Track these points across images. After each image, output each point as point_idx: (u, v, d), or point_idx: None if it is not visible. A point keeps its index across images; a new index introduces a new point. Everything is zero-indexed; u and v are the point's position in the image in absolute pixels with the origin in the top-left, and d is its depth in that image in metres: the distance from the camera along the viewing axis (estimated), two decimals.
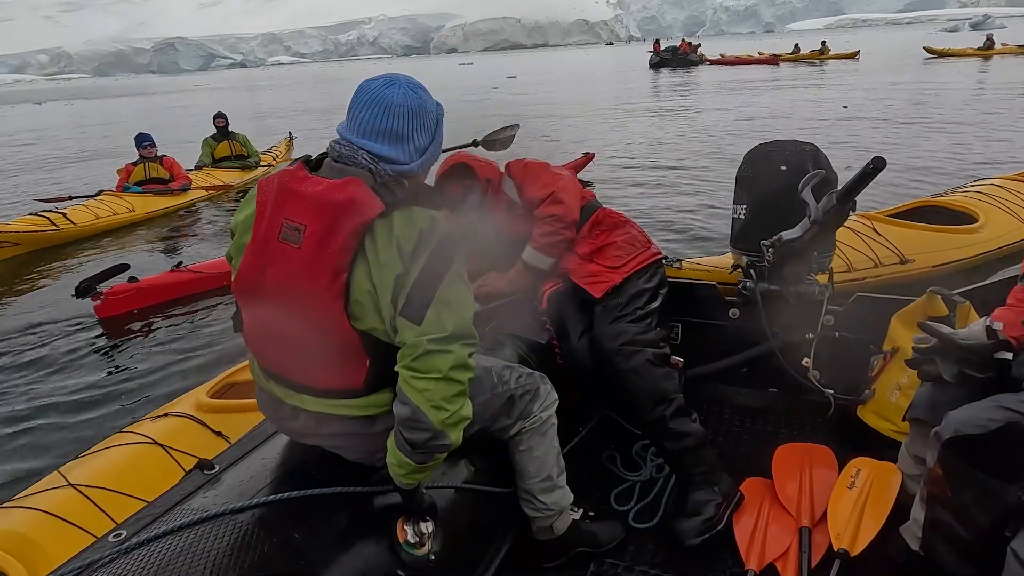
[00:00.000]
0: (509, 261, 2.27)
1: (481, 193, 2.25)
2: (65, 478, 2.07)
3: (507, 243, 2.24)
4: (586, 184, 2.44)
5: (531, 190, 2.23)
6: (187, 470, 1.55)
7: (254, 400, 2.21)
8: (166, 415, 2.46)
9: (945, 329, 1.66)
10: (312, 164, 1.41)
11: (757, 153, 2.38)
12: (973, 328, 1.67)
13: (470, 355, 1.31)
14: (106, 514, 1.89)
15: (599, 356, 2.09)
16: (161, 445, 2.23)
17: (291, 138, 12.08)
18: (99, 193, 8.02)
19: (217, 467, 1.53)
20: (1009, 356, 1.59)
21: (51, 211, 7.21)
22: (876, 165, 1.83)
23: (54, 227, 6.97)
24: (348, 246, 1.27)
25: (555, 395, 1.78)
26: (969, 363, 1.62)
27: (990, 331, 1.60)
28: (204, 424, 2.35)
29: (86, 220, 7.31)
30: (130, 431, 2.39)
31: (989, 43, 28.08)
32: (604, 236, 2.25)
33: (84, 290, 4.58)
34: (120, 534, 1.31)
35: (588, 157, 9.00)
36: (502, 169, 2.32)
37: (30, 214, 7.24)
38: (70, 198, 7.95)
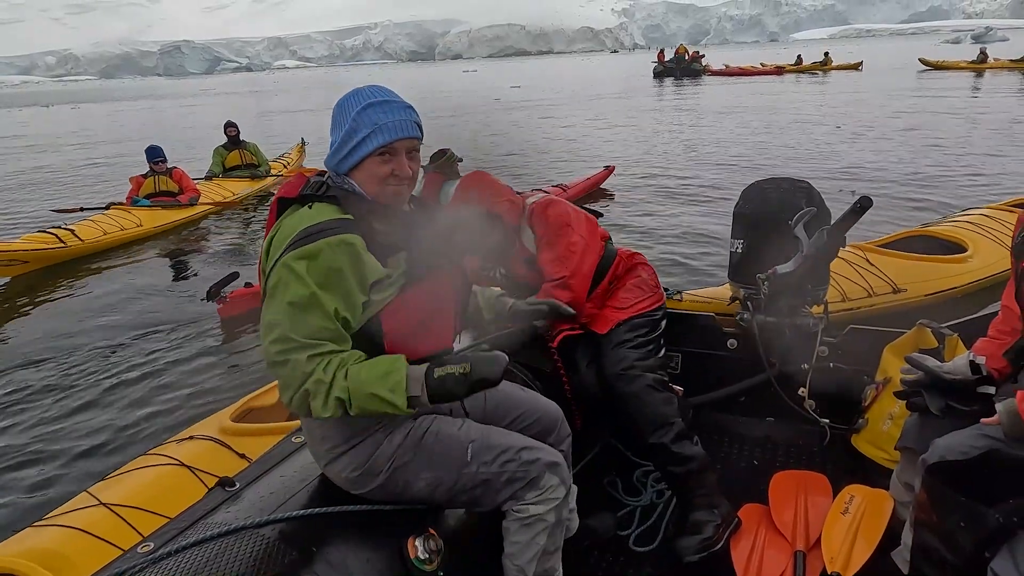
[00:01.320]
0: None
1: (502, 234, 2.26)
2: (96, 497, 2.16)
3: (515, 287, 2.29)
4: (597, 214, 2.49)
5: (545, 259, 2.26)
6: (210, 487, 1.63)
7: (275, 423, 2.31)
8: (191, 438, 2.55)
9: (931, 362, 1.73)
10: None
11: (754, 189, 2.46)
12: (957, 362, 1.74)
13: (284, 350, 1.33)
14: (136, 530, 1.95)
15: (603, 382, 2.17)
16: (187, 466, 2.32)
17: (303, 144, 11.87)
18: (109, 206, 8.03)
19: (238, 484, 1.62)
20: (992, 390, 1.67)
21: (59, 227, 7.16)
22: (863, 204, 1.93)
23: (62, 244, 6.90)
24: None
25: (561, 491, 1.59)
26: (954, 396, 1.70)
27: (974, 365, 1.68)
28: (228, 447, 2.43)
29: (94, 236, 7.27)
30: (156, 453, 2.48)
31: (982, 57, 28.51)
32: (617, 283, 2.34)
33: (213, 295, 5.05)
34: (148, 546, 1.39)
35: (608, 171, 8.94)
36: (524, 206, 2.35)
37: (38, 231, 7.18)
38: (82, 209, 7.97)
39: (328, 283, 1.32)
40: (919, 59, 31.79)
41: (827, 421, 2.36)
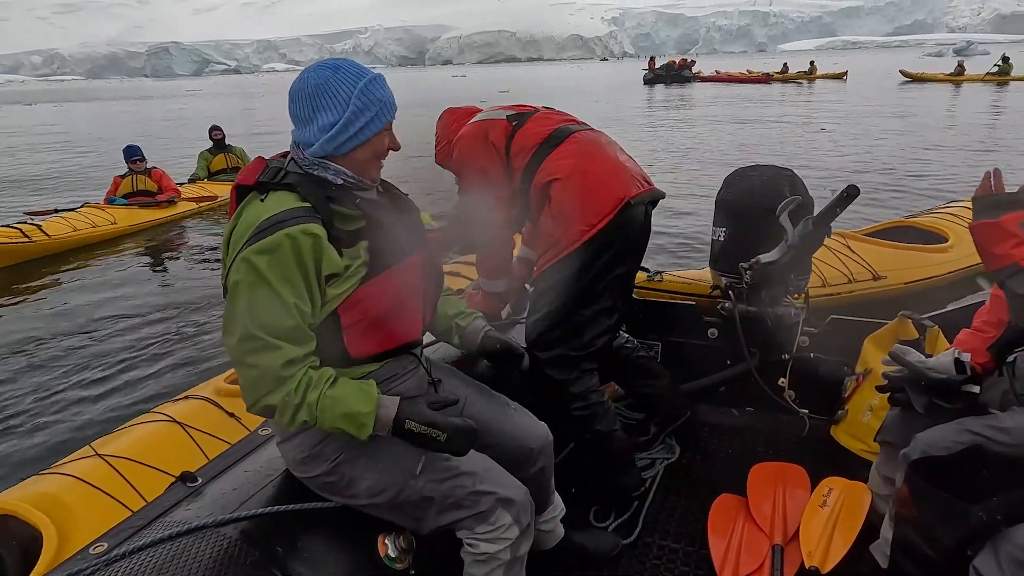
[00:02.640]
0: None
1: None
2: (95, 451, 2.28)
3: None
4: None
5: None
6: (174, 478, 1.56)
7: None
8: (187, 398, 2.71)
9: (914, 357, 1.70)
10: None
11: (736, 177, 2.43)
12: (942, 359, 1.70)
13: (253, 351, 1.26)
14: (125, 479, 2.11)
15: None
16: (180, 424, 2.45)
17: None
18: (83, 205, 7.75)
19: (200, 479, 1.55)
20: (976, 389, 1.64)
21: (26, 223, 6.84)
22: (850, 192, 1.89)
23: (26, 239, 6.56)
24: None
25: (514, 531, 1.46)
26: (938, 394, 1.67)
27: (959, 364, 1.65)
28: (220, 407, 2.57)
29: (62, 233, 6.94)
30: (155, 412, 2.62)
31: (960, 69, 29.55)
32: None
33: None
34: (101, 546, 1.32)
35: None
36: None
37: (2, 226, 6.83)
38: (56, 211, 7.70)
39: (290, 277, 1.26)
40: (900, 71, 32.68)
41: (807, 412, 2.34)
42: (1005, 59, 28.11)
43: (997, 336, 1.70)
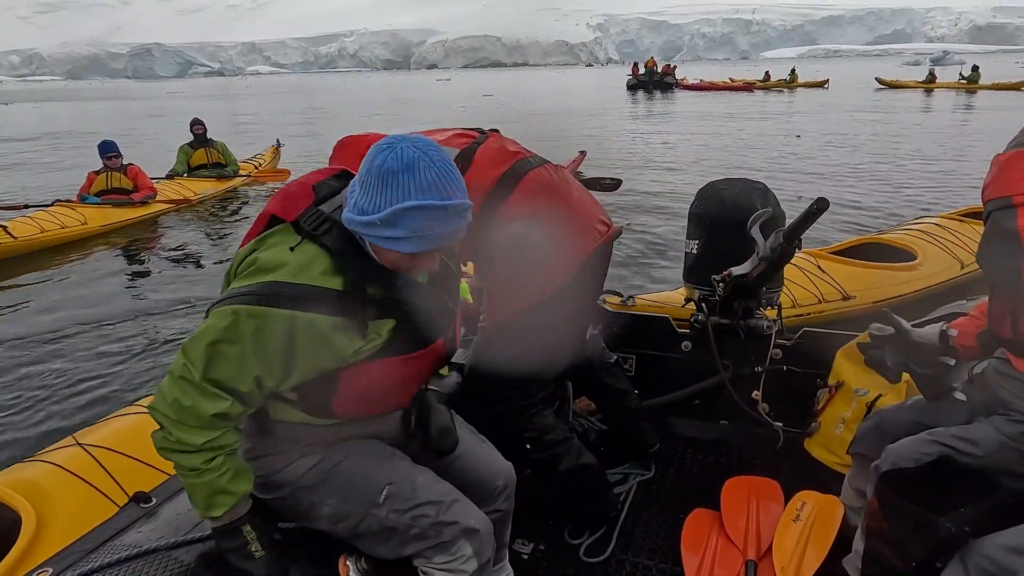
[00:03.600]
0: None
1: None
2: (77, 441, 2.32)
3: None
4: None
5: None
6: (120, 506, 1.52)
7: None
8: None
9: (904, 323, 1.71)
10: None
11: (709, 190, 2.42)
12: (930, 329, 1.71)
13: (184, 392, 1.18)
14: (105, 469, 2.14)
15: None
16: None
17: (278, 146, 11.21)
18: (54, 203, 7.50)
19: (154, 500, 1.50)
20: (951, 362, 1.64)
21: None
22: (820, 206, 1.89)
23: None
24: None
25: (472, 564, 1.41)
26: (913, 358, 1.68)
27: (943, 335, 1.66)
28: None
29: (29, 234, 6.70)
30: (136, 404, 2.66)
31: (931, 77, 31.44)
32: None
33: None
34: (46, 571, 1.27)
35: (581, 155, 9.92)
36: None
37: None
38: (26, 206, 7.53)
39: (268, 354, 1.16)
40: (876, 78, 33.85)
41: (780, 425, 2.33)
42: (974, 68, 30.59)
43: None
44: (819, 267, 4.26)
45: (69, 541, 1.40)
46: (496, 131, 2.00)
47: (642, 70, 37.39)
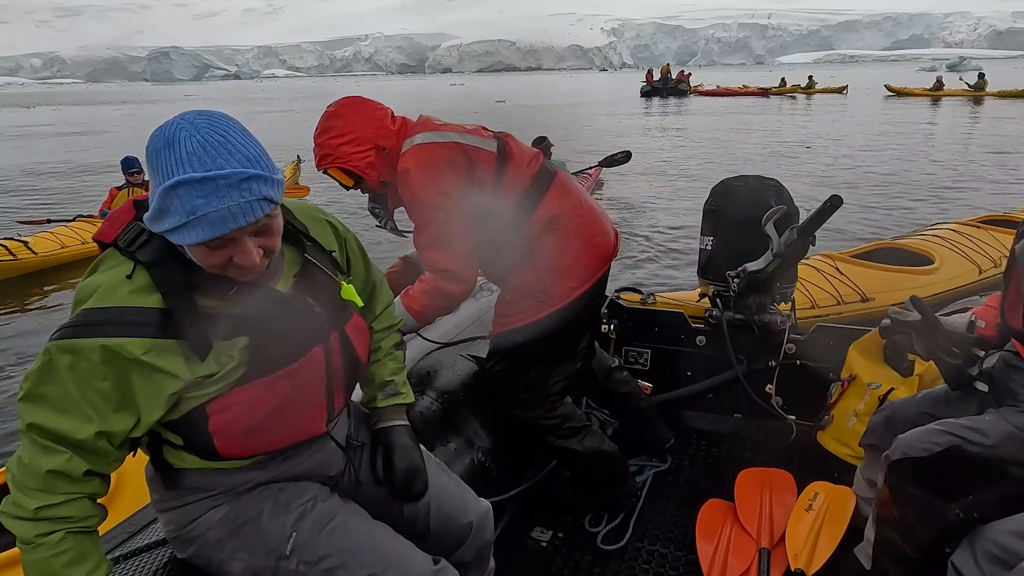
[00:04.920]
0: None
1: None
2: None
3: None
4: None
5: (417, 241, 1.83)
6: None
7: None
8: None
9: (931, 311, 1.73)
10: None
11: (723, 187, 2.47)
12: (957, 319, 1.74)
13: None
14: None
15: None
16: None
17: (299, 162, 11.03)
18: (75, 218, 7.56)
19: None
20: (981, 353, 1.69)
21: (11, 239, 6.69)
22: (833, 202, 1.94)
23: (11, 257, 6.41)
24: None
25: None
26: (942, 347, 1.70)
27: (971, 325, 1.69)
28: None
29: (50, 250, 6.76)
30: None
31: (938, 84, 31.41)
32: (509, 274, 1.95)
33: None
34: None
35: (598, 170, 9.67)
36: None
37: None
38: (49, 221, 7.59)
39: (94, 390, 1.00)
40: (885, 85, 33.99)
41: (794, 418, 2.37)
42: (980, 76, 30.26)
43: None
44: (837, 269, 4.28)
45: None
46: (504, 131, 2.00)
47: (656, 76, 37.33)
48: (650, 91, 36.54)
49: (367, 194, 1.88)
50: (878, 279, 4.29)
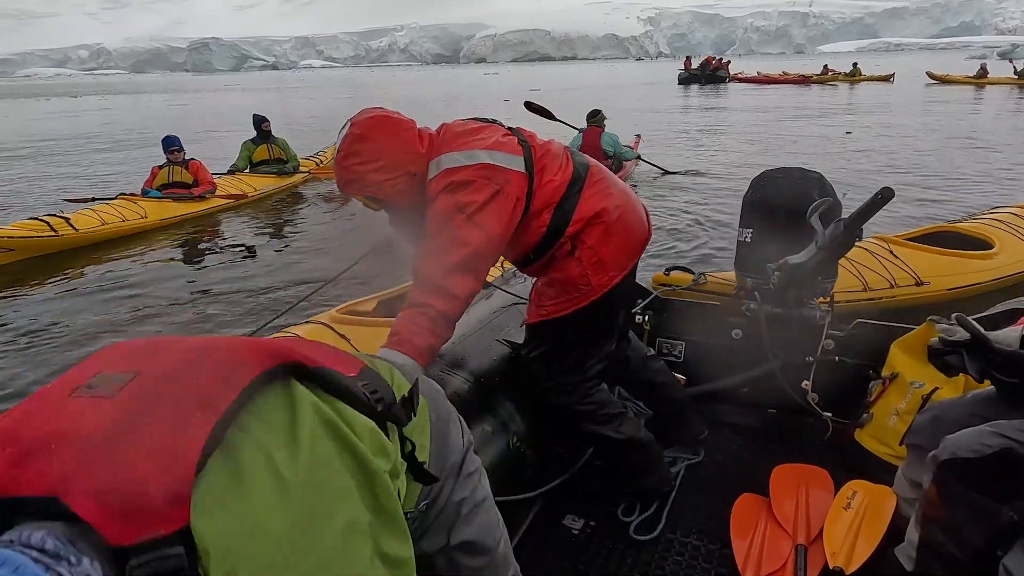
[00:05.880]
0: None
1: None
2: None
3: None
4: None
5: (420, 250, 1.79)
6: None
7: (369, 317, 3.10)
8: (308, 322, 3.29)
9: (981, 329, 1.64)
10: None
11: (764, 179, 2.42)
12: (1009, 333, 1.66)
13: None
14: None
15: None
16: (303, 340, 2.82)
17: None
18: (118, 196, 7.63)
19: None
20: None
21: (54, 215, 6.71)
22: (884, 195, 1.87)
23: (53, 233, 6.43)
24: None
25: None
26: (996, 365, 1.63)
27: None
28: (334, 329, 3.05)
29: (91, 227, 6.80)
30: (286, 330, 3.08)
31: (982, 72, 30.24)
32: (550, 267, 1.92)
33: None
34: None
35: (637, 138, 10.20)
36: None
37: (30, 218, 6.69)
38: (93, 199, 7.72)
39: None
40: (926, 72, 33.12)
41: (830, 415, 2.32)
42: None
43: None
44: (891, 252, 4.12)
45: None
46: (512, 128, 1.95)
47: (695, 64, 36.83)
48: (688, 78, 36.00)
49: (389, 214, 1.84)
50: (934, 263, 4.13)
